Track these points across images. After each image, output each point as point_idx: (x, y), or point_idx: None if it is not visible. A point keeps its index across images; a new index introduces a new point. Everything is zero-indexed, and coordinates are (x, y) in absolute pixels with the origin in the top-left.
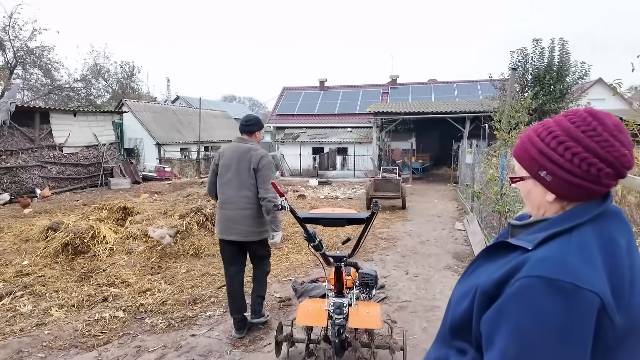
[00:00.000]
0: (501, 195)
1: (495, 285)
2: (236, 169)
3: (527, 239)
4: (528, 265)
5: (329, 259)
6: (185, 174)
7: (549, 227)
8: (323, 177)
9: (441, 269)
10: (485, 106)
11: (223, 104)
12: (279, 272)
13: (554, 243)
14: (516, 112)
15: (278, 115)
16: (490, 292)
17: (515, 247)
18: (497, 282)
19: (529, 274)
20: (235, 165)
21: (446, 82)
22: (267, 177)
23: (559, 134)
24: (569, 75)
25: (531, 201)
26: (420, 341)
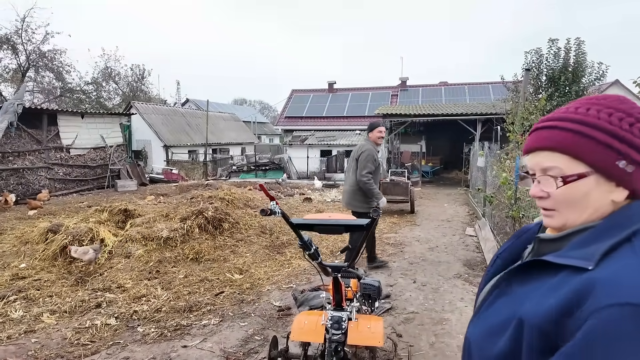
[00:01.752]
0: (515, 200)
1: (552, 317)
2: (351, 158)
3: (578, 255)
4: (605, 289)
5: (326, 269)
6: (193, 176)
7: (600, 237)
8: (330, 180)
9: (451, 277)
10: (498, 108)
11: (233, 106)
12: (280, 279)
13: (622, 257)
14: (530, 114)
15: (286, 118)
16: (546, 327)
17: (559, 266)
18: (554, 313)
19: (616, 302)
20: (353, 155)
21: (457, 84)
22: (362, 166)
23: (623, 115)
24: (585, 76)
25: (585, 205)
26: (427, 358)
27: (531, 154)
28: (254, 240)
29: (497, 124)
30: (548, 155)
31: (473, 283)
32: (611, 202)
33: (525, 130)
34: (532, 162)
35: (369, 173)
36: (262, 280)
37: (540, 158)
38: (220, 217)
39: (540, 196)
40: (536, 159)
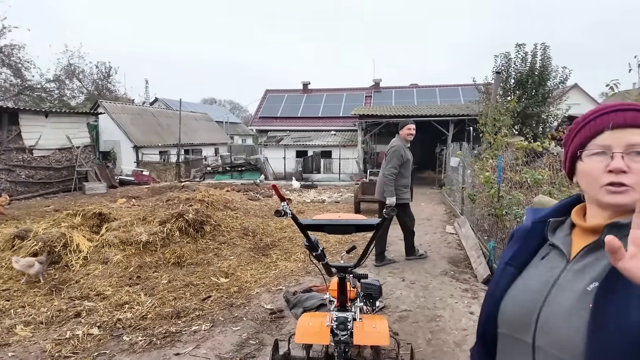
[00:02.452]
0: (498, 198)
1: None
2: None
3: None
4: None
5: (331, 269)
6: (165, 177)
7: None
8: (308, 180)
9: (438, 274)
10: (469, 110)
11: (203, 106)
12: (268, 281)
13: None
14: (501, 115)
15: (261, 118)
16: None
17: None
18: None
19: None
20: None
21: (428, 86)
22: (388, 160)
23: None
24: (550, 80)
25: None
26: (425, 355)
27: (618, 130)
28: (237, 243)
29: (469, 125)
30: (639, 132)
31: (459, 280)
32: None
33: (496, 131)
34: (616, 137)
35: (393, 168)
36: (250, 283)
37: (629, 135)
38: (201, 220)
39: (623, 170)
40: (624, 136)
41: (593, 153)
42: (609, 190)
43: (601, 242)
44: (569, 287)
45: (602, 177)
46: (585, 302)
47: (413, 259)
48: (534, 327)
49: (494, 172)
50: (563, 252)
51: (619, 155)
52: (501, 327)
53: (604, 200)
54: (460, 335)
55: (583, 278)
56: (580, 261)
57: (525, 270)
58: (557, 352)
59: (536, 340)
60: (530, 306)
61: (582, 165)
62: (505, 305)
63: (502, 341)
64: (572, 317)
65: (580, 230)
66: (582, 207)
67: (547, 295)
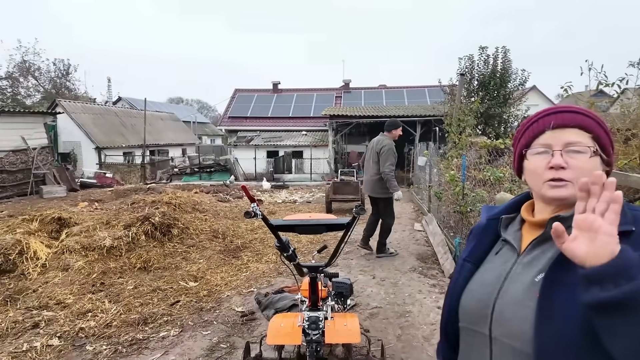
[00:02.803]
0: (463, 195)
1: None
2: (370, 151)
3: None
4: None
5: (302, 270)
6: (129, 180)
7: None
8: (279, 180)
9: (407, 271)
10: (435, 110)
11: (169, 106)
12: (239, 284)
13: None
14: (465, 116)
15: (230, 118)
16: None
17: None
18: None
19: None
20: (371, 149)
21: (396, 87)
22: (385, 158)
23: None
24: (511, 82)
25: None
26: (396, 351)
27: (557, 130)
28: (206, 246)
29: (435, 125)
30: (576, 132)
31: (427, 275)
32: None
33: (461, 131)
34: (555, 137)
35: (391, 165)
36: (220, 286)
37: (567, 134)
38: (168, 223)
39: (562, 166)
40: (562, 135)
41: (536, 152)
42: (550, 185)
43: (546, 235)
44: (519, 279)
45: (544, 173)
46: (532, 292)
47: (383, 256)
48: (489, 319)
49: (459, 171)
50: (514, 246)
51: (559, 153)
52: (462, 321)
53: (546, 195)
54: (428, 330)
55: (531, 270)
56: (529, 254)
57: (482, 265)
58: (510, 341)
59: (492, 332)
60: (486, 299)
61: (527, 163)
62: (464, 299)
63: (463, 334)
64: (521, 308)
65: (529, 225)
66: (530, 204)
67: (500, 288)
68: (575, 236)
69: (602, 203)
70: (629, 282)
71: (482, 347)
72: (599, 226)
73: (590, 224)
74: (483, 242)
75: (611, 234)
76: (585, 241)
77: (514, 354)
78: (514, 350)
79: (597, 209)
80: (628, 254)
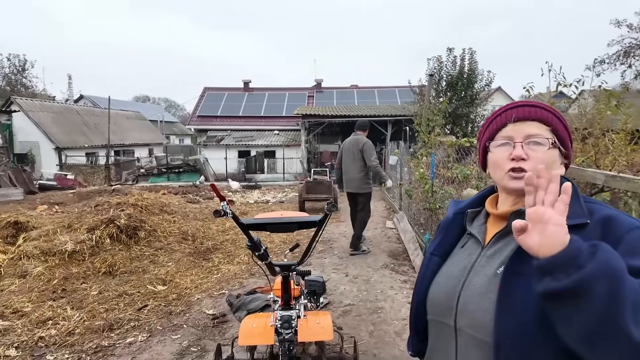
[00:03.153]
0: (432, 193)
1: None
2: (350, 151)
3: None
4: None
5: (274, 269)
6: (93, 181)
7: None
8: (251, 180)
9: (379, 268)
10: (406, 110)
11: (135, 104)
12: (210, 286)
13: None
14: (434, 116)
15: (199, 117)
16: None
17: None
18: None
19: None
20: (350, 149)
21: (367, 88)
22: (369, 155)
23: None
24: (477, 82)
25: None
26: (369, 346)
27: (519, 123)
28: (175, 248)
29: (405, 124)
30: (536, 125)
31: (399, 272)
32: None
33: (430, 131)
34: (517, 129)
35: (376, 159)
36: (190, 289)
37: (527, 127)
38: (134, 225)
39: (522, 158)
40: (523, 128)
41: (499, 144)
42: (511, 176)
43: (509, 229)
44: (482, 272)
45: (506, 164)
46: (494, 284)
47: (357, 254)
48: (455, 311)
49: (428, 169)
50: (479, 239)
51: (520, 145)
52: (429, 314)
53: (508, 186)
54: (400, 325)
55: (494, 262)
56: (492, 247)
57: (448, 258)
58: (473, 332)
59: (457, 323)
60: (451, 291)
61: (491, 155)
62: (432, 292)
63: (431, 326)
64: (484, 300)
65: (493, 219)
66: (494, 197)
67: (464, 280)
68: (528, 229)
69: (550, 194)
70: (579, 270)
71: (448, 338)
72: (549, 217)
73: (541, 215)
74: (450, 236)
75: (560, 224)
76: (537, 233)
77: (476, 344)
78: (477, 340)
79: (546, 201)
80: (578, 244)
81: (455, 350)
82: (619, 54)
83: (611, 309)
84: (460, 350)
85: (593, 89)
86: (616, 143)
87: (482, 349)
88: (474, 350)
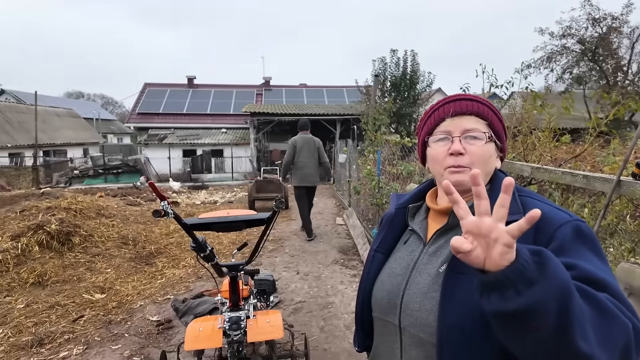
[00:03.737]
0: (378, 189)
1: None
2: (308, 148)
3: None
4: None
5: (222, 270)
6: (18, 184)
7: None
8: (198, 181)
9: (330, 264)
10: (353, 110)
11: (68, 101)
12: (153, 292)
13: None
14: (380, 115)
15: (140, 115)
16: None
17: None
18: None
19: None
20: (307, 146)
21: (316, 87)
22: (323, 154)
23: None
24: (419, 83)
25: (489, 164)
26: (319, 342)
27: (456, 118)
28: (114, 254)
29: (354, 123)
30: (473, 119)
31: (348, 266)
32: (494, 168)
33: (376, 130)
34: (454, 124)
35: (327, 157)
36: (132, 296)
37: (465, 121)
38: (67, 231)
39: (461, 152)
40: (461, 122)
41: (437, 139)
42: (450, 171)
43: (450, 225)
44: (425, 270)
45: (445, 159)
46: (437, 283)
47: (313, 238)
48: (399, 310)
49: (375, 166)
50: (421, 236)
51: (458, 139)
52: (374, 311)
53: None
54: (350, 318)
55: (436, 260)
56: (434, 244)
57: (392, 255)
58: (416, 331)
59: (401, 322)
60: (395, 290)
61: (430, 150)
62: (376, 290)
63: (376, 324)
64: (427, 299)
65: (434, 214)
66: (434, 191)
67: (408, 279)
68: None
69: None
70: (530, 287)
71: (393, 336)
72: (497, 237)
73: (485, 232)
74: (393, 231)
75: (510, 244)
76: (482, 249)
77: (420, 344)
78: (421, 340)
79: (482, 208)
80: (524, 256)
81: (400, 348)
82: (542, 59)
83: (563, 326)
84: (405, 349)
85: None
86: (542, 140)
87: (426, 349)
88: (418, 350)
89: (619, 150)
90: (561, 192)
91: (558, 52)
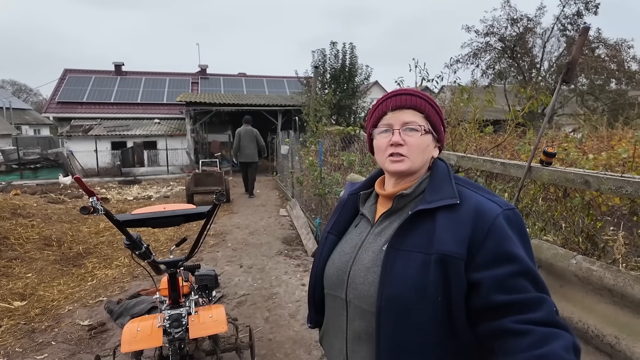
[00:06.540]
0: (321, 179)
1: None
2: (248, 137)
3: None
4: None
5: (159, 267)
6: None
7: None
8: (129, 175)
9: (273, 255)
10: (294, 101)
11: None
12: (84, 295)
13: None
14: (321, 106)
15: (60, 104)
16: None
17: (433, 209)
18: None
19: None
20: (248, 135)
21: (256, 76)
22: (260, 139)
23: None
24: (358, 76)
25: (426, 154)
26: (264, 332)
27: (396, 111)
28: (36, 257)
29: (295, 114)
30: (411, 112)
31: (292, 257)
32: (431, 157)
33: (318, 120)
34: (395, 117)
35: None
36: (58, 301)
37: (404, 115)
38: None
39: (400, 143)
40: (400, 115)
41: (381, 131)
42: (391, 160)
43: (393, 209)
44: (370, 248)
45: (386, 150)
46: (379, 259)
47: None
48: (346, 284)
49: (317, 157)
50: (369, 219)
51: (397, 132)
52: (326, 288)
53: (388, 169)
54: (294, 307)
55: (380, 239)
56: (380, 225)
57: (343, 237)
58: (359, 303)
59: (347, 295)
60: (343, 267)
61: (375, 141)
62: (327, 268)
63: (327, 300)
64: (369, 274)
65: (382, 199)
66: (382, 179)
67: (355, 256)
68: None
69: None
70: None
71: (340, 309)
72: None
73: None
74: (345, 215)
75: None
76: None
77: (362, 314)
78: (363, 311)
79: None
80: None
81: (346, 320)
82: (469, 55)
83: None
84: (350, 320)
85: (450, 84)
86: (468, 131)
87: (367, 318)
88: (361, 320)
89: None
90: (485, 179)
91: (482, 49)
